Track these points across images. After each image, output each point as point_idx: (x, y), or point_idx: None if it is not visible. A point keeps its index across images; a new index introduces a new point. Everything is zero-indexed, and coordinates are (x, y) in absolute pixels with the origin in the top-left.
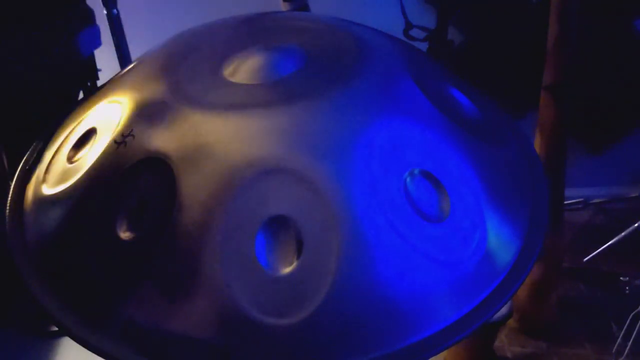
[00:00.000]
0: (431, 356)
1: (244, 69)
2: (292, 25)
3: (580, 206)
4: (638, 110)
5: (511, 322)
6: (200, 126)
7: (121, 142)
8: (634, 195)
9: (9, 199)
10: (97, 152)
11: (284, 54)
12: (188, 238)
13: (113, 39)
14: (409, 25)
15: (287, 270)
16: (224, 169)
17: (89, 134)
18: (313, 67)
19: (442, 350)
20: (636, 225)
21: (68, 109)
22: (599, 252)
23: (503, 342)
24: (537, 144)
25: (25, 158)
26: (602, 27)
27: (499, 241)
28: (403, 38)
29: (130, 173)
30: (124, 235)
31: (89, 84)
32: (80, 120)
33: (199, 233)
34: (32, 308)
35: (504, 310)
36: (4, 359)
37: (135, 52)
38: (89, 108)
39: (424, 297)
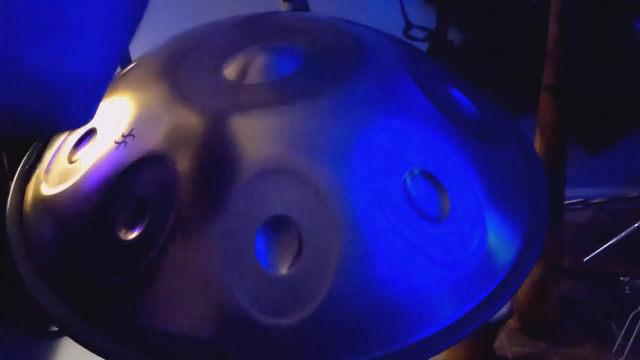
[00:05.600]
0: (431, 356)
1: (243, 69)
2: (292, 25)
3: (580, 206)
4: (638, 111)
5: (511, 322)
6: (200, 126)
7: (121, 142)
8: (634, 195)
9: (9, 199)
10: (97, 152)
11: (284, 54)
12: (188, 238)
13: None
14: (409, 25)
15: (287, 270)
16: (223, 168)
17: (89, 134)
18: (313, 67)
19: (442, 350)
20: (636, 225)
21: None
22: (599, 252)
23: (503, 342)
24: (537, 144)
25: (25, 158)
26: (602, 27)
27: (499, 241)
28: (403, 38)
29: (130, 173)
30: (124, 235)
31: None
32: None
33: (199, 233)
34: (32, 308)
35: (504, 310)
36: (4, 359)
37: (135, 52)
38: None
39: (424, 297)
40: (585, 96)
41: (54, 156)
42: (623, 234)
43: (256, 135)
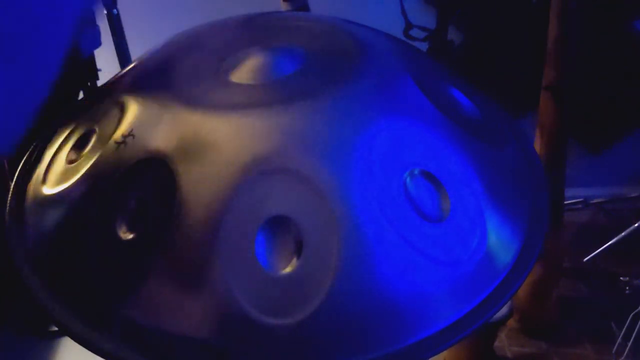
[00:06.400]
0: (431, 356)
1: (243, 69)
2: (292, 25)
3: (580, 206)
4: (638, 110)
5: (511, 322)
6: (200, 126)
7: (121, 142)
8: (634, 195)
9: (9, 199)
10: (97, 152)
11: (284, 54)
12: (188, 238)
13: (113, 39)
14: (409, 25)
15: (287, 270)
16: (223, 169)
17: (89, 134)
18: (313, 67)
19: (442, 350)
20: (636, 225)
21: (68, 109)
22: (599, 252)
23: (503, 342)
24: (537, 144)
25: (25, 158)
26: (602, 27)
27: (499, 241)
28: (403, 38)
29: (130, 173)
30: (124, 235)
31: (89, 84)
32: (81, 120)
33: (198, 233)
34: (32, 308)
35: (504, 310)
36: (4, 359)
37: (135, 52)
38: (89, 108)
39: (423, 297)
40: (585, 96)
41: (54, 156)
42: (623, 234)
43: (256, 135)
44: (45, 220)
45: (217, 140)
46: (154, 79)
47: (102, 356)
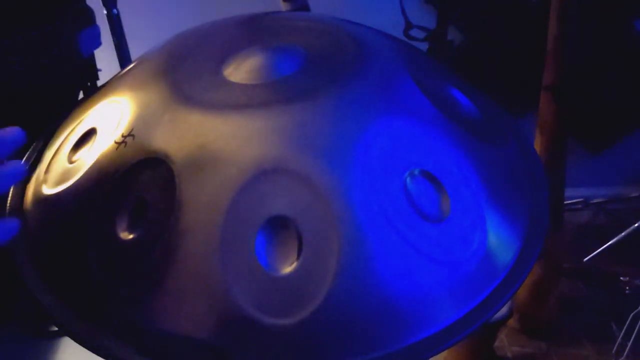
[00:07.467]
0: (431, 356)
1: (243, 69)
2: (292, 25)
3: (580, 206)
4: (638, 110)
5: (511, 322)
6: (200, 126)
7: (121, 142)
8: (634, 195)
9: (9, 199)
10: (97, 152)
11: (284, 54)
12: (188, 238)
13: (113, 39)
14: (409, 25)
15: (287, 270)
16: (223, 169)
17: (89, 134)
18: (313, 67)
19: (442, 350)
20: (636, 225)
21: (68, 109)
22: (599, 252)
23: (503, 342)
24: (537, 144)
25: (25, 158)
26: (602, 27)
27: (499, 241)
28: (403, 38)
29: (131, 173)
30: (124, 235)
31: (89, 84)
32: (80, 120)
33: (199, 233)
34: (32, 308)
35: (504, 310)
36: (4, 359)
37: (135, 52)
38: (89, 108)
39: (424, 297)
40: (585, 96)
41: (54, 156)
42: (623, 234)
43: (256, 135)
44: (45, 220)
45: (217, 140)
46: (154, 79)
47: (102, 356)
